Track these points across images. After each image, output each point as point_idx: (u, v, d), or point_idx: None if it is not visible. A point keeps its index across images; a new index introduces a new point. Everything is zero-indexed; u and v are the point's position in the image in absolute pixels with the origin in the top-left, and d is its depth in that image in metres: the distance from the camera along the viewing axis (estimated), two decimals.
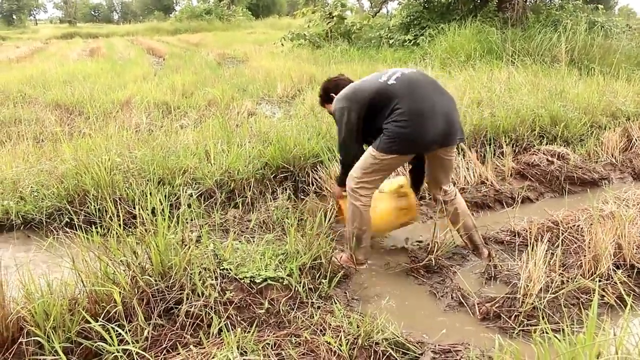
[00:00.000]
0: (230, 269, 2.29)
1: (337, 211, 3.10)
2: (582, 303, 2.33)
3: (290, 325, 2.11)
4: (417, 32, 11.25)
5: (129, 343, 1.84)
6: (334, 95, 2.82)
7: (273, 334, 2.00)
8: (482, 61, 7.83)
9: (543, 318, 2.16)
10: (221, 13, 37.56)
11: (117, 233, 2.23)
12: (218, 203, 3.36)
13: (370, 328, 2.03)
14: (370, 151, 2.61)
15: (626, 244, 2.61)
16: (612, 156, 4.57)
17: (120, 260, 2.14)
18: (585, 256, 2.55)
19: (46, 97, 6.96)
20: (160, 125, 5.12)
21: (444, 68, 7.87)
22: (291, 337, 1.99)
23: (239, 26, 33.02)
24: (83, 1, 79.89)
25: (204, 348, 1.88)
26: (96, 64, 11.22)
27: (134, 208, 2.70)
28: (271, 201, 3.41)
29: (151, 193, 2.71)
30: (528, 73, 6.67)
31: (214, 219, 3.08)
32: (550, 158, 4.25)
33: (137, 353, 1.82)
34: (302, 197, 3.55)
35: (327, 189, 3.60)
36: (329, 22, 13.63)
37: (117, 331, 1.86)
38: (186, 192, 3.24)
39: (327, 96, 2.95)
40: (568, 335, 1.68)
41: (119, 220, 2.32)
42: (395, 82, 2.58)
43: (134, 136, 4.29)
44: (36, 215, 3.24)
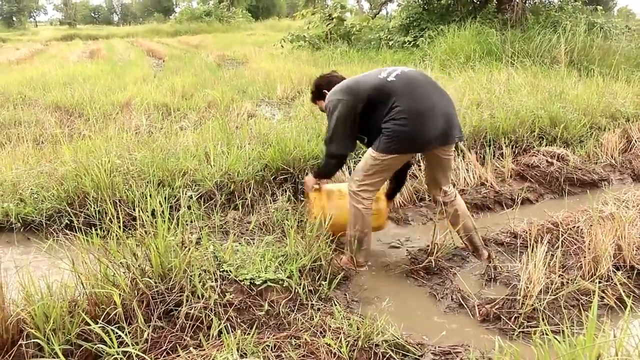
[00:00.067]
0: (230, 271, 2.30)
1: (308, 204, 3.02)
2: (582, 304, 2.33)
3: (290, 327, 2.11)
4: (417, 34, 11.27)
5: (129, 345, 1.84)
6: (326, 91, 2.79)
7: (273, 336, 2.00)
8: (482, 62, 7.83)
9: (543, 320, 2.15)
10: (221, 15, 37.61)
11: (117, 235, 2.23)
12: (218, 205, 3.36)
13: (370, 330, 2.03)
14: (370, 152, 2.60)
15: (626, 245, 2.61)
16: (612, 157, 4.57)
17: (120, 262, 2.14)
18: (585, 257, 2.55)
19: (46, 99, 6.96)
20: (160, 127, 5.12)
21: (444, 69, 7.88)
22: (291, 339, 1.99)
23: (239, 28, 33.07)
24: (83, 3, 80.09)
25: (204, 350, 1.88)
26: (96, 66, 11.23)
27: (134, 210, 2.70)
28: (271, 203, 3.41)
29: (151, 195, 2.70)
30: (527, 74, 6.68)
31: (214, 221, 3.07)
32: (549, 159, 4.26)
33: (137, 355, 1.82)
34: (302, 199, 3.55)
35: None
36: (329, 24, 13.65)
37: (117, 333, 1.86)
38: (186, 194, 3.24)
39: (320, 92, 2.91)
40: (568, 336, 1.68)
41: (119, 222, 2.32)
42: (395, 79, 2.57)
43: (134, 138, 4.29)
44: (36, 217, 3.24)
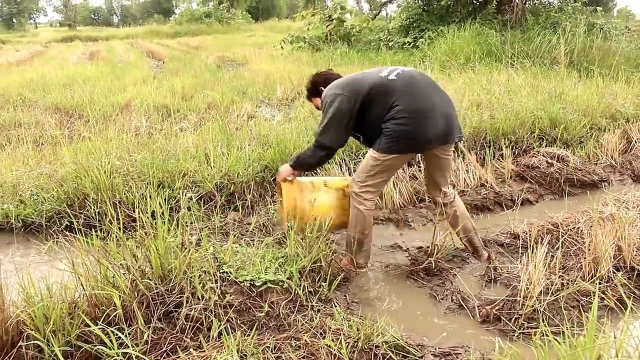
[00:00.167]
0: (230, 272, 2.29)
1: (279, 195, 3.00)
2: (582, 305, 2.33)
3: (290, 328, 2.11)
4: (417, 35, 11.27)
5: (129, 346, 1.84)
6: (323, 88, 2.76)
7: (273, 337, 2.00)
8: (482, 63, 7.83)
9: (543, 321, 2.15)
10: (221, 16, 37.63)
11: (117, 236, 2.23)
12: (218, 206, 3.36)
13: (370, 331, 2.03)
14: (371, 153, 2.60)
15: (626, 246, 2.61)
16: (612, 158, 4.57)
17: (120, 263, 2.14)
18: (585, 258, 2.55)
19: (46, 101, 6.96)
20: (160, 128, 5.12)
21: (444, 70, 7.88)
22: (291, 341, 1.99)
23: (239, 29, 33.10)
24: (83, 4, 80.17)
25: (204, 351, 1.88)
26: (96, 67, 11.23)
27: (134, 211, 2.70)
28: (271, 204, 3.41)
29: (151, 196, 2.71)
30: (527, 75, 6.68)
31: (214, 222, 3.07)
32: (549, 160, 4.26)
33: (137, 356, 1.82)
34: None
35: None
36: (329, 25, 13.66)
37: (117, 335, 1.86)
38: (186, 196, 3.24)
39: (316, 90, 2.88)
40: (568, 337, 1.67)
41: (119, 223, 2.32)
42: (395, 78, 2.56)
43: (134, 139, 4.30)
44: (36, 218, 3.24)
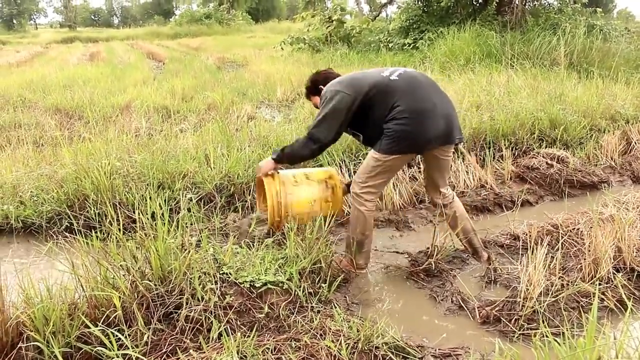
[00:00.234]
0: (230, 273, 2.29)
1: (258, 191, 3.01)
2: (582, 307, 2.33)
3: (290, 329, 2.11)
4: (417, 36, 11.28)
5: (129, 348, 1.84)
6: (322, 87, 2.75)
7: (273, 339, 2.00)
8: (482, 65, 7.84)
9: (543, 322, 2.15)
10: (221, 17, 37.65)
11: (117, 237, 2.23)
12: (218, 207, 3.36)
13: (370, 332, 2.02)
14: (372, 154, 2.60)
15: (626, 247, 2.61)
16: (612, 159, 4.58)
17: (120, 264, 2.14)
18: (585, 259, 2.55)
19: (46, 102, 6.96)
20: (160, 129, 5.12)
21: (444, 72, 7.88)
22: (291, 342, 1.99)
23: (239, 30, 33.14)
24: (83, 5, 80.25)
25: (204, 353, 1.88)
26: (96, 68, 11.24)
27: (134, 212, 2.71)
28: None
29: (151, 197, 2.71)
30: (527, 76, 6.68)
31: (214, 223, 3.08)
32: (549, 161, 4.26)
33: (137, 358, 1.82)
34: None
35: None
36: (329, 26, 13.67)
37: (117, 336, 1.86)
38: (186, 197, 3.24)
39: (315, 88, 2.87)
40: (568, 339, 1.67)
41: (119, 224, 2.32)
42: (397, 79, 2.56)
43: (134, 140, 4.30)
44: (36, 219, 3.24)
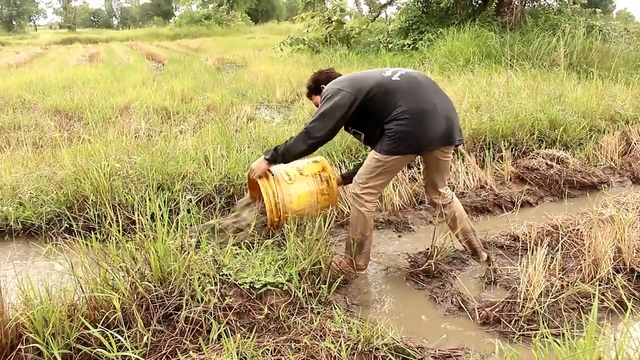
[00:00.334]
0: (229, 275, 2.29)
1: (251, 191, 3.00)
2: (582, 307, 2.32)
3: (289, 330, 2.11)
4: (416, 37, 11.28)
5: (128, 349, 1.83)
6: (324, 86, 2.75)
7: (273, 340, 2.00)
8: (481, 65, 7.84)
9: (543, 323, 2.15)
10: (220, 18, 37.67)
11: (116, 239, 2.23)
12: (217, 208, 3.35)
13: (370, 333, 2.02)
14: (372, 155, 2.59)
15: (626, 248, 2.61)
16: (611, 160, 4.58)
17: (119, 266, 2.14)
18: (585, 260, 2.55)
19: (45, 103, 6.96)
20: (159, 130, 5.12)
21: (443, 72, 7.88)
22: (291, 343, 1.98)
23: (238, 31, 33.15)
24: (82, 7, 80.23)
25: (204, 354, 1.87)
26: (95, 70, 11.24)
27: (133, 214, 2.70)
28: None
29: (150, 199, 2.70)
30: (527, 77, 6.68)
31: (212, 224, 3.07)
32: (549, 162, 4.26)
33: (137, 359, 1.82)
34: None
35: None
36: (328, 27, 13.67)
37: (116, 337, 1.86)
38: (185, 198, 3.24)
39: (317, 87, 2.87)
40: (568, 339, 1.67)
41: (118, 226, 2.32)
42: (399, 79, 2.56)
43: (133, 142, 4.30)
44: (35, 221, 3.24)
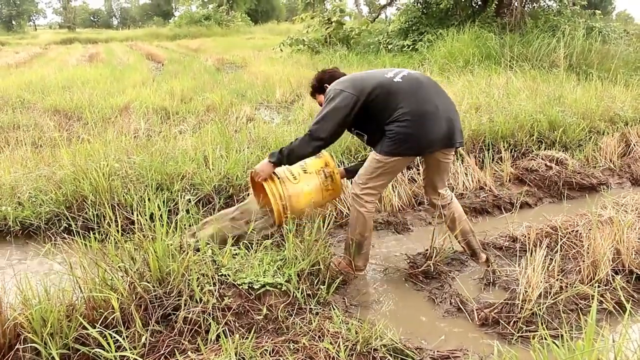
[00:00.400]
0: (228, 275, 2.29)
1: (255, 192, 2.97)
2: (581, 309, 2.32)
3: (288, 331, 2.11)
4: (416, 38, 11.30)
5: (127, 349, 1.83)
6: (328, 85, 2.74)
7: (271, 340, 2.00)
8: (481, 66, 7.84)
9: (542, 324, 2.15)
10: (220, 19, 37.69)
11: (115, 239, 2.23)
12: (216, 209, 3.35)
13: (368, 334, 2.02)
14: (373, 155, 2.59)
15: (625, 250, 2.61)
16: (611, 161, 4.58)
17: (118, 266, 2.14)
18: (584, 262, 2.55)
19: (45, 103, 6.95)
20: (158, 130, 5.12)
21: (443, 73, 7.89)
22: (289, 344, 1.98)
23: (238, 32, 33.18)
24: (82, 7, 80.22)
25: (202, 354, 1.87)
26: (95, 70, 11.23)
27: (132, 214, 2.70)
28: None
29: (149, 199, 2.70)
30: (526, 78, 6.69)
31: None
32: (548, 163, 4.26)
33: (135, 359, 1.82)
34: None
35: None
36: (328, 28, 13.69)
37: (115, 337, 1.85)
38: (184, 198, 3.24)
39: (321, 87, 2.86)
40: (567, 341, 1.67)
41: (117, 226, 2.32)
42: (401, 80, 2.55)
43: (133, 142, 4.29)
44: (34, 221, 3.23)
